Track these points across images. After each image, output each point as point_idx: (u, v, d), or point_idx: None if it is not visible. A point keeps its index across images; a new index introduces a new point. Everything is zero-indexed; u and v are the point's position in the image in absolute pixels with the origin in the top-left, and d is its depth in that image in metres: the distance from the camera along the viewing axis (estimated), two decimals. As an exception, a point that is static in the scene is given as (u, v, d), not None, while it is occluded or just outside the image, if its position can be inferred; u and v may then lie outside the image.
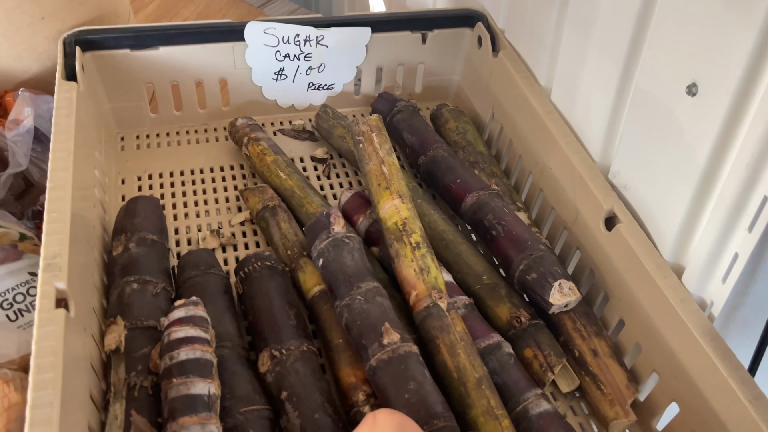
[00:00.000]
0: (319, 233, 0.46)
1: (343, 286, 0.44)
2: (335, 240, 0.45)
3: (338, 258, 0.45)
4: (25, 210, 0.56)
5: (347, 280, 0.44)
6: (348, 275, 0.44)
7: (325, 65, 0.66)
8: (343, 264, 0.45)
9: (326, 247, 0.45)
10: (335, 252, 0.45)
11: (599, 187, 0.50)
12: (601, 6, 0.49)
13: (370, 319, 0.42)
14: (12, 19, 0.55)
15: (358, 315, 0.42)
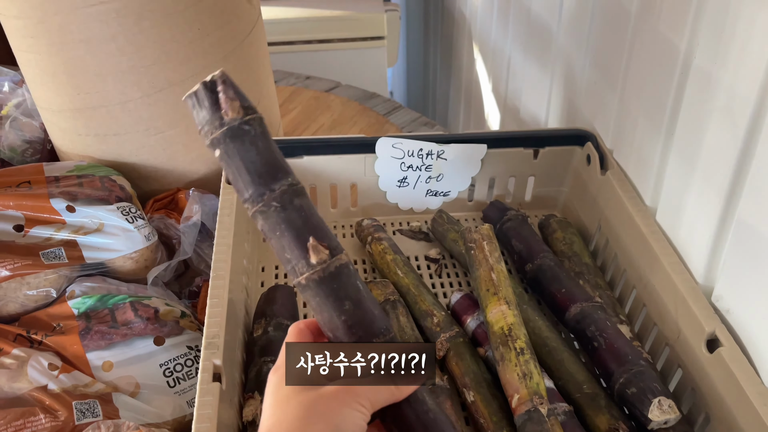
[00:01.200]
0: (208, 112, 0.36)
1: (252, 188, 0.36)
2: (232, 129, 0.35)
3: (240, 153, 0.36)
4: (182, 289, 0.66)
5: (254, 180, 0.36)
6: (255, 174, 0.36)
7: (443, 175, 0.74)
8: (247, 160, 0.36)
9: (223, 138, 0.36)
10: (234, 144, 0.36)
11: (702, 309, 0.52)
12: (706, 139, 0.53)
13: (290, 232, 0.36)
14: (190, 131, 0.67)
15: (277, 227, 0.36)
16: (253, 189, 0.36)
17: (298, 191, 0.37)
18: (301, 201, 0.37)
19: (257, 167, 0.36)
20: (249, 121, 0.36)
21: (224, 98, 0.35)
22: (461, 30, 1.32)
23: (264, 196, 0.36)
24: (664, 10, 0.56)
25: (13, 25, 0.61)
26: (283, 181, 0.36)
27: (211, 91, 0.35)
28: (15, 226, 0.58)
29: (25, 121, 0.75)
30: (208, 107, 0.35)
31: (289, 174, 0.37)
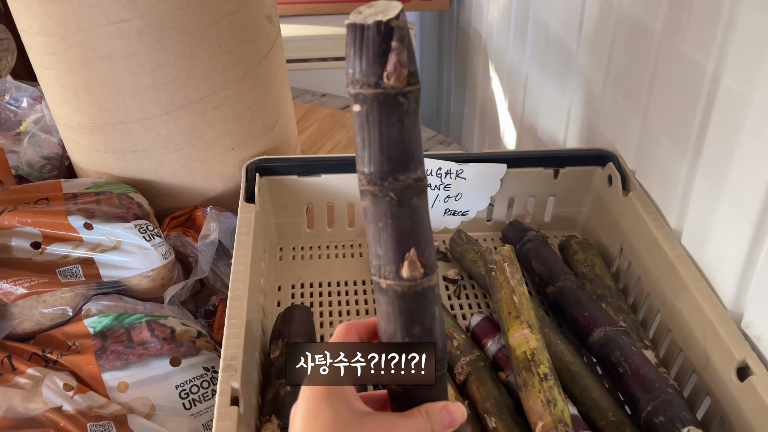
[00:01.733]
0: (368, 62, 0.30)
1: (376, 166, 0.31)
2: (386, 96, 0.30)
3: (382, 125, 0.31)
4: (198, 308, 0.65)
5: (383, 160, 0.31)
6: (386, 154, 0.31)
7: (461, 194, 0.73)
8: (385, 136, 0.31)
9: (370, 101, 0.30)
10: (380, 113, 0.31)
11: (731, 336, 0.51)
12: (735, 162, 0.52)
13: (395, 232, 0.32)
14: (209, 149, 0.66)
15: (383, 218, 0.32)
16: (377, 168, 0.31)
17: (421, 189, 0.33)
18: (419, 202, 0.33)
19: (392, 148, 0.31)
20: (408, 93, 0.30)
21: (394, 60, 0.30)
22: (476, 48, 1.31)
23: (385, 182, 0.31)
24: (690, 31, 0.56)
25: (35, 42, 0.61)
26: (412, 173, 0.32)
27: (383, 39, 0.29)
28: (32, 243, 0.58)
29: (44, 137, 0.75)
30: (371, 56, 0.30)
31: (420, 166, 0.32)
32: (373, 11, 0.30)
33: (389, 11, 0.29)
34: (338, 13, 1.40)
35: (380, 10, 0.30)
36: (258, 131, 0.70)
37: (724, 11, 0.51)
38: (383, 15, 0.29)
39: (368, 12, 0.30)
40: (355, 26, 0.30)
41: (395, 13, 0.29)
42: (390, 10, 0.30)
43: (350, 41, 0.30)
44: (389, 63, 0.30)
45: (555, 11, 0.88)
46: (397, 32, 0.29)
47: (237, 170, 0.69)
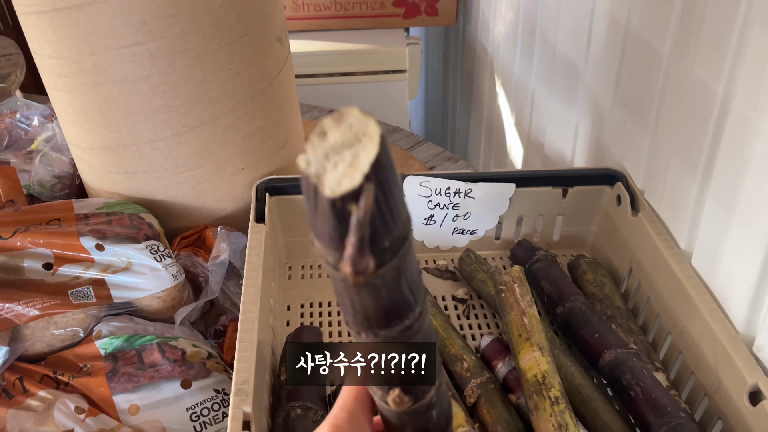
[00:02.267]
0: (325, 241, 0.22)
1: (354, 324, 0.27)
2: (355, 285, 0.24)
3: (352, 296, 0.25)
4: (208, 328, 0.65)
5: (359, 320, 0.27)
6: (362, 316, 0.26)
7: (470, 214, 0.73)
8: (358, 304, 0.25)
9: (335, 277, 0.25)
10: (346, 289, 0.25)
11: (743, 360, 0.50)
12: (746, 184, 0.52)
13: (378, 371, 0.29)
14: (220, 169, 0.67)
15: (363, 352, 0.29)
16: (351, 320, 0.27)
17: (412, 332, 0.28)
18: (414, 337, 0.28)
19: (366, 313, 0.26)
20: (382, 274, 0.23)
21: (350, 261, 0.22)
22: (483, 63, 1.32)
23: (362, 334, 0.27)
24: (699, 53, 0.56)
25: (48, 64, 0.62)
26: (394, 327, 0.27)
27: (338, 219, 0.21)
28: (44, 265, 0.58)
29: (55, 156, 0.76)
30: (326, 234, 0.22)
31: (406, 316, 0.27)
32: (341, 143, 0.21)
33: (358, 163, 0.20)
34: (346, 28, 1.41)
35: (349, 146, 0.21)
36: (268, 151, 0.70)
37: (734, 35, 0.51)
38: (349, 169, 0.20)
39: (333, 141, 0.21)
40: (308, 180, 0.21)
41: (362, 176, 0.20)
42: (360, 160, 0.20)
43: (305, 191, 0.22)
44: (344, 265, 0.22)
45: (562, 28, 0.88)
46: (356, 228, 0.21)
47: (247, 190, 0.70)
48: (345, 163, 0.20)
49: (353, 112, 0.21)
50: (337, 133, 0.21)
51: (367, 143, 0.20)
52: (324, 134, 0.21)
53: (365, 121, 0.21)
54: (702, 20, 0.55)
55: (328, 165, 0.20)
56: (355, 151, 0.20)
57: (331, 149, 0.21)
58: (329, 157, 0.21)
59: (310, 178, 0.21)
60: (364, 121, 0.21)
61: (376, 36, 1.39)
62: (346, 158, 0.20)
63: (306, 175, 0.21)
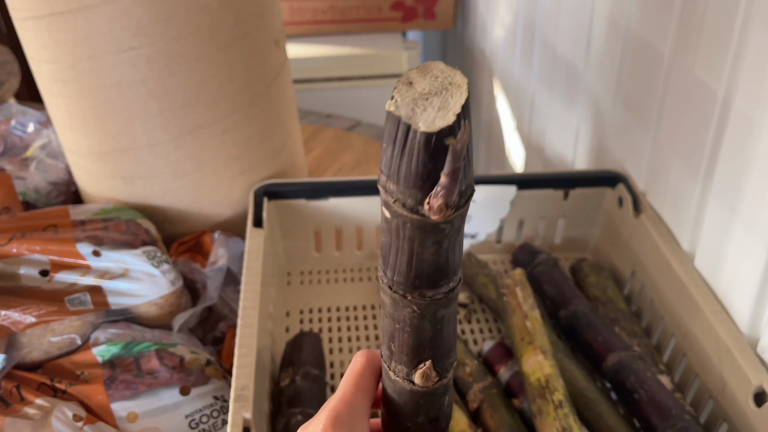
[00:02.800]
0: (408, 180, 0.23)
1: (402, 279, 0.27)
2: (424, 223, 0.24)
3: (414, 245, 0.26)
4: (206, 335, 0.65)
5: (408, 276, 0.27)
6: (414, 272, 0.27)
7: (471, 217, 0.72)
8: (416, 256, 0.26)
9: (404, 220, 0.25)
10: (413, 233, 0.25)
11: (747, 361, 0.50)
12: (748, 185, 0.51)
13: (412, 339, 0.30)
14: (217, 174, 0.66)
15: (401, 322, 0.29)
16: (400, 280, 0.27)
17: (450, 300, 0.28)
18: (446, 311, 0.29)
19: (423, 267, 0.26)
20: (453, 219, 0.25)
21: (440, 201, 0.23)
22: (481, 66, 1.32)
23: (409, 295, 0.28)
24: (700, 53, 0.56)
25: (45, 70, 0.61)
26: (443, 288, 0.27)
27: (430, 156, 0.22)
28: (41, 271, 0.58)
29: (51, 162, 0.75)
30: (411, 174, 0.23)
31: (454, 275, 0.28)
32: (428, 91, 0.22)
33: (449, 106, 0.21)
34: (343, 33, 1.41)
35: (437, 93, 0.22)
36: (266, 155, 0.69)
37: (735, 34, 0.50)
38: (440, 111, 0.21)
39: (420, 89, 0.22)
40: (398, 121, 0.22)
41: (455, 115, 0.21)
42: (450, 104, 0.21)
43: (389, 134, 0.23)
44: (433, 200, 0.23)
45: (562, 30, 0.88)
46: (452, 160, 0.21)
47: (245, 195, 0.69)
48: (434, 108, 0.21)
49: (438, 65, 0.23)
50: (423, 83, 0.22)
51: (455, 90, 0.22)
52: (410, 83, 0.22)
53: (451, 72, 0.22)
54: (702, 19, 0.55)
55: (417, 109, 0.22)
56: (443, 97, 0.22)
57: (419, 95, 0.22)
58: (417, 103, 0.22)
59: (402, 119, 0.21)
60: (450, 72, 0.22)
61: (374, 40, 1.39)
62: (435, 104, 0.21)
63: (396, 116, 0.22)
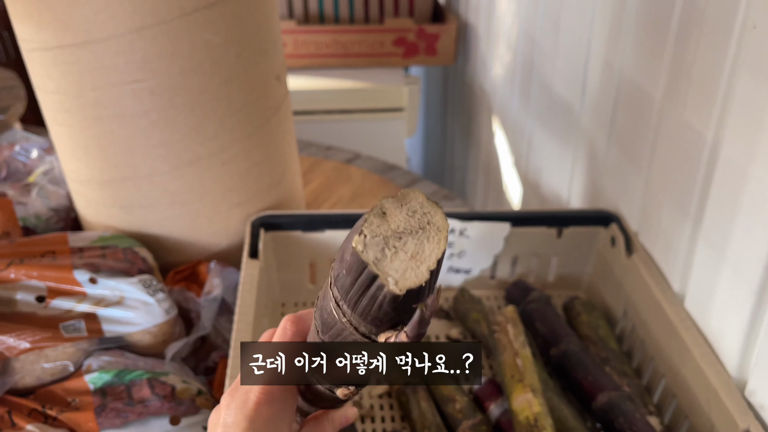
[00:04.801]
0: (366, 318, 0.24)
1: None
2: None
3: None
4: (198, 365, 0.65)
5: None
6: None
7: (465, 252, 0.73)
8: None
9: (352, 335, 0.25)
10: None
11: (735, 404, 0.50)
12: (736, 230, 0.52)
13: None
14: (215, 204, 0.67)
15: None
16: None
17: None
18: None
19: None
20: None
21: (413, 336, 0.22)
22: (480, 103, 1.34)
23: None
24: (689, 100, 0.57)
25: (50, 100, 0.63)
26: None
27: (396, 311, 0.20)
28: (37, 297, 0.58)
29: (52, 189, 0.76)
30: (370, 315, 0.22)
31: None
32: (402, 229, 0.19)
33: (423, 256, 0.19)
34: (344, 66, 1.43)
35: (412, 233, 0.19)
36: (264, 187, 0.71)
37: (722, 82, 0.52)
38: (412, 261, 0.19)
39: (395, 226, 0.19)
40: (364, 266, 0.19)
41: (428, 271, 0.19)
42: (425, 253, 0.19)
43: (352, 267, 0.20)
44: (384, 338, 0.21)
45: (558, 72, 0.90)
46: (418, 326, 0.20)
47: (242, 225, 0.70)
48: (407, 254, 0.19)
49: (418, 197, 0.20)
50: (399, 217, 0.20)
51: (433, 235, 0.19)
52: (384, 214, 0.20)
53: (431, 210, 0.20)
54: (691, 67, 0.56)
55: (387, 252, 0.19)
56: (419, 240, 0.19)
57: (391, 234, 0.19)
58: (389, 244, 0.19)
59: (369, 266, 0.19)
60: (430, 209, 0.20)
61: (376, 75, 1.41)
62: (408, 248, 0.19)
63: (363, 261, 0.19)
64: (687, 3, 0.57)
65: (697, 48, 0.55)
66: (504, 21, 1.15)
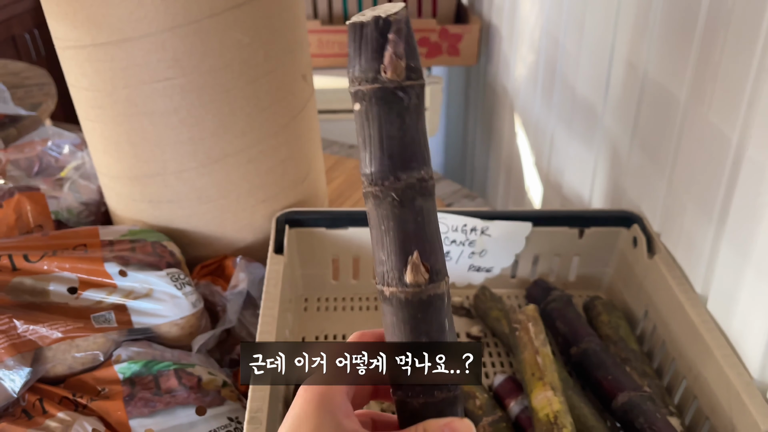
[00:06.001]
0: (366, 58, 0.30)
1: (376, 166, 0.31)
2: (384, 90, 0.30)
3: (381, 122, 0.31)
4: (223, 357, 0.66)
5: (383, 159, 0.31)
6: (387, 152, 0.31)
7: (486, 251, 0.74)
8: (385, 133, 0.31)
9: (369, 97, 0.30)
10: (379, 109, 0.31)
11: (757, 406, 0.50)
12: (760, 231, 0.52)
13: (397, 235, 0.31)
14: (241, 200, 0.69)
15: (385, 221, 0.31)
16: (377, 167, 0.31)
17: (426, 190, 0.31)
18: (424, 203, 0.31)
19: (393, 146, 0.31)
20: (407, 87, 0.30)
21: (390, 52, 0.30)
22: (503, 103, 1.34)
23: (386, 181, 0.31)
24: (715, 100, 0.57)
25: (83, 96, 0.65)
26: (414, 172, 0.31)
27: (380, 33, 0.30)
28: (69, 288, 0.60)
29: (83, 183, 0.78)
30: (369, 52, 0.30)
31: (424, 165, 0.31)
32: (376, 12, 0.30)
33: (391, 9, 0.30)
34: (368, 66, 1.44)
35: (383, 10, 0.30)
36: (289, 184, 0.72)
37: (749, 83, 0.52)
38: (384, 13, 0.30)
39: (370, 13, 0.30)
40: (354, 25, 0.30)
41: (396, 10, 0.30)
42: (392, 8, 0.30)
43: (351, 40, 0.31)
44: (385, 55, 0.30)
45: (581, 72, 0.90)
46: (395, 25, 0.30)
47: (267, 222, 0.71)
48: (381, 11, 0.30)
49: (385, 4, 0.31)
50: (373, 11, 0.30)
51: (395, 6, 0.30)
52: (363, 15, 0.30)
53: (394, 4, 0.30)
54: (717, 68, 0.56)
55: (368, 13, 0.30)
56: (387, 10, 0.30)
57: (370, 14, 0.30)
58: (366, 14, 0.30)
59: (358, 21, 0.30)
60: (394, 4, 0.30)
61: (399, 74, 1.41)
62: (379, 11, 0.30)
63: (356, 23, 0.30)
64: (713, 3, 0.57)
65: (723, 48, 0.55)
66: (527, 21, 1.15)
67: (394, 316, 0.32)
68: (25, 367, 0.55)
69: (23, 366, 0.55)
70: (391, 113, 0.30)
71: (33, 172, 0.88)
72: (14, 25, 1.97)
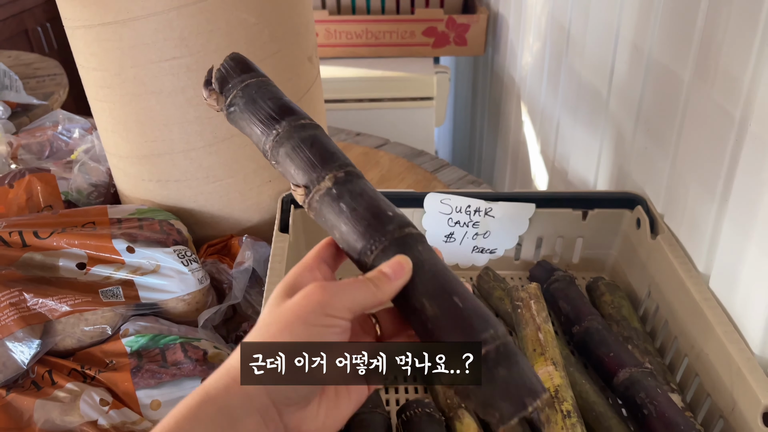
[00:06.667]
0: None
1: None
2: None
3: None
4: (229, 333, 0.67)
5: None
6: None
7: (490, 232, 0.74)
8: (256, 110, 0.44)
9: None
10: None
11: (758, 381, 0.50)
12: (762, 208, 0.52)
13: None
14: (248, 180, 0.69)
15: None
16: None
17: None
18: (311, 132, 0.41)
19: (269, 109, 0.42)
20: (230, 103, 0.43)
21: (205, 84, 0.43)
22: (510, 92, 1.34)
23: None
24: (718, 79, 0.57)
25: (92, 77, 0.66)
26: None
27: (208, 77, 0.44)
28: (78, 264, 0.61)
29: (93, 165, 0.80)
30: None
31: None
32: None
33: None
34: (375, 56, 1.45)
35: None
36: (295, 165, 0.72)
37: (751, 61, 0.52)
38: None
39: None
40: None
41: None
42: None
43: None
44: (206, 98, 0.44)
45: (587, 58, 0.90)
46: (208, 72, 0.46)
47: (273, 202, 0.72)
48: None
49: None
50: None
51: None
52: None
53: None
54: (720, 47, 0.56)
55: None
56: None
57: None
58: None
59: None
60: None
61: (406, 64, 1.42)
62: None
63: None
64: (717, -18, 0.57)
65: (726, 26, 0.55)
66: (534, 10, 1.15)
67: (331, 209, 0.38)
68: (34, 339, 0.56)
69: (33, 338, 0.56)
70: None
71: (44, 155, 0.89)
72: (27, 18, 2.00)
